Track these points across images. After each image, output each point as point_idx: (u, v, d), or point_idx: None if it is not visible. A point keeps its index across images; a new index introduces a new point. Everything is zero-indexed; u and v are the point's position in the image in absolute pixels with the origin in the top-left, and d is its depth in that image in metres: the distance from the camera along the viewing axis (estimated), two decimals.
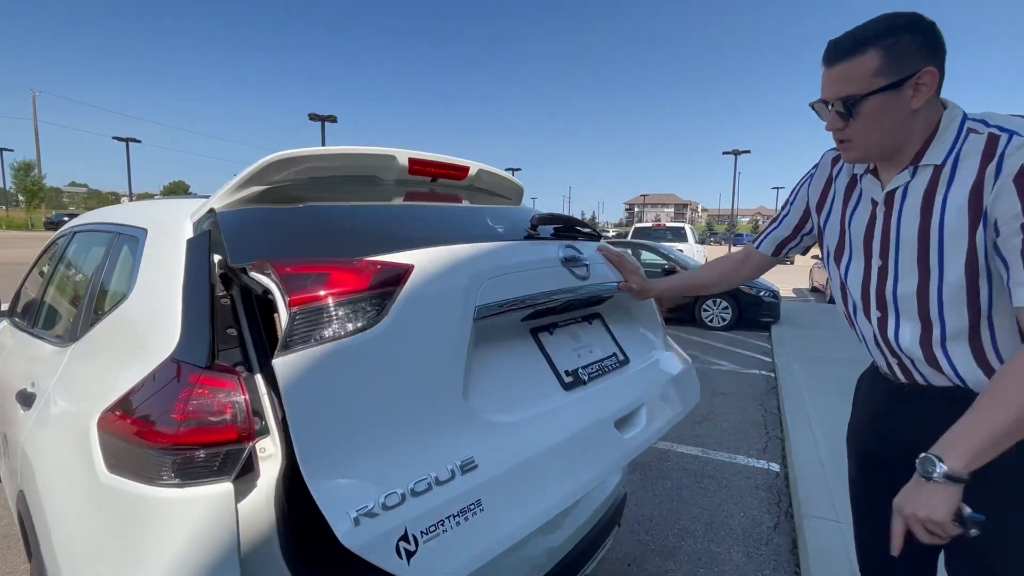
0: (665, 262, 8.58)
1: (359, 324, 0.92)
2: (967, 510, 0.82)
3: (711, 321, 8.03)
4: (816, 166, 1.21)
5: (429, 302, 1.03)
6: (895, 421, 1.11)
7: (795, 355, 5.85)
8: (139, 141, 38.47)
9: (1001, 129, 0.89)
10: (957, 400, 0.94)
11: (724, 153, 31.60)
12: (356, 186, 1.42)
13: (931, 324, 0.98)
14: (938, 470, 0.82)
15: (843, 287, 1.14)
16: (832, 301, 11.04)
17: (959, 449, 0.82)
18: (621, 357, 1.52)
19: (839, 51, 0.94)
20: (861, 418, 1.23)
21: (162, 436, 0.87)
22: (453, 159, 1.54)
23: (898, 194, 0.99)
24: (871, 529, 1.21)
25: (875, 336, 1.08)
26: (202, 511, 0.85)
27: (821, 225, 1.19)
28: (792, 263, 27.65)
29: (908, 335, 1.01)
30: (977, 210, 0.89)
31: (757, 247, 1.37)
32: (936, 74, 0.90)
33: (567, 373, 1.32)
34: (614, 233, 71.86)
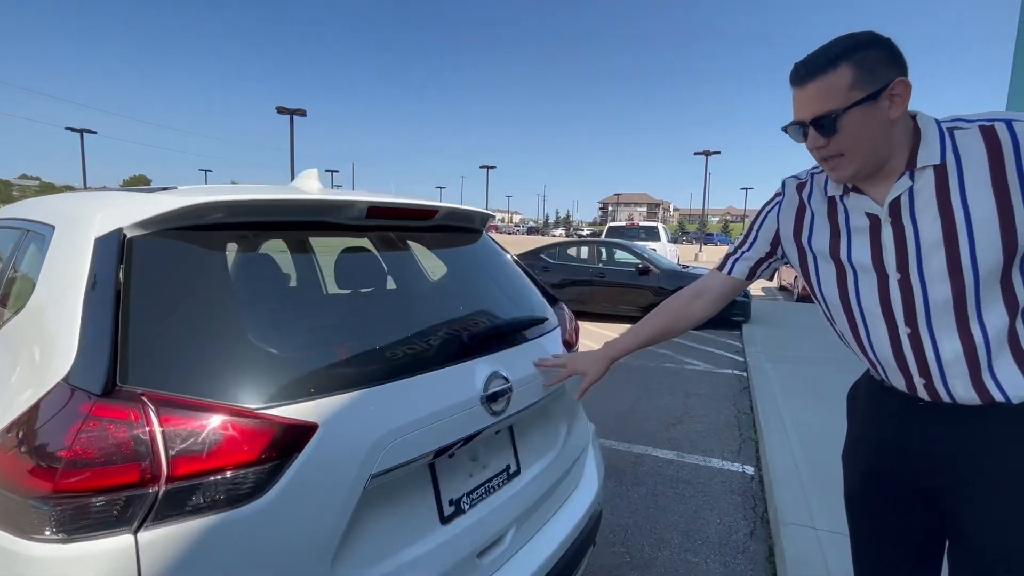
0: (639, 261, 8.58)
1: (242, 494, 0.81)
2: None
3: None
4: (781, 195, 1.16)
5: (321, 470, 0.91)
6: (916, 439, 1.04)
7: (766, 354, 5.90)
8: (94, 132, 36.66)
9: (989, 120, 0.89)
10: (987, 418, 0.95)
11: (696, 154, 32.16)
12: (308, 227, 1.25)
13: (970, 332, 0.93)
14: None
15: (847, 311, 1.06)
16: (801, 300, 11.27)
17: None
18: (514, 469, 1.36)
19: (811, 70, 0.92)
20: (867, 434, 1.15)
21: (43, 479, 0.72)
22: (417, 202, 1.38)
23: (904, 201, 0.95)
24: (876, 547, 1.15)
25: (903, 355, 1.00)
26: (93, 571, 0.70)
27: (805, 250, 1.12)
28: None
29: (950, 349, 0.95)
30: (1005, 197, 0.87)
31: (729, 272, 1.27)
32: (908, 84, 0.90)
33: (451, 503, 1.17)
34: (588, 232, 72.83)
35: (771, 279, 1.26)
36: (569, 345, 1.68)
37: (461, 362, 1.21)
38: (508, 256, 1.80)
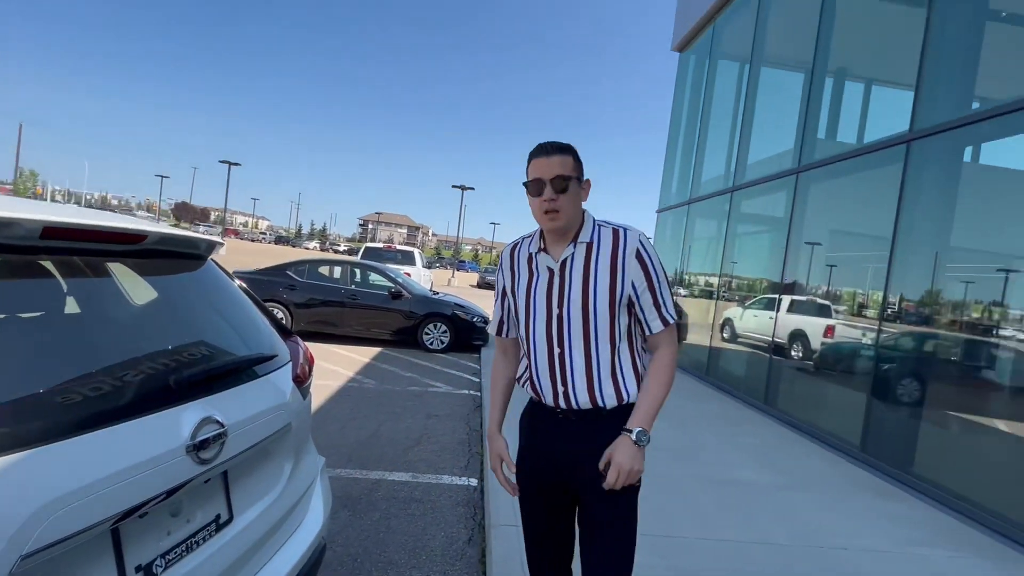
0: (392, 285, 8.75)
1: None
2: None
3: (431, 344, 8.53)
4: (500, 264, 1.60)
5: None
6: (562, 443, 1.45)
7: None
8: None
9: (617, 226, 1.44)
10: (600, 417, 1.41)
11: (453, 186, 34.57)
12: None
13: (592, 359, 1.40)
14: (646, 438, 1.33)
15: (528, 336, 1.47)
16: None
17: (645, 425, 1.34)
18: (225, 517, 1.29)
19: (556, 147, 1.38)
20: (530, 445, 1.52)
21: None
22: (115, 224, 1.20)
23: (568, 262, 1.42)
24: (538, 533, 1.56)
25: (554, 367, 1.42)
26: None
27: (515, 296, 1.53)
28: None
29: (579, 359, 1.40)
30: (613, 273, 1.39)
31: (497, 334, 1.65)
32: (590, 183, 1.44)
33: (138, 569, 1.04)
34: (345, 248, 69.91)
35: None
36: (300, 381, 1.66)
37: (163, 409, 1.10)
38: (235, 286, 1.69)
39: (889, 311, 4.75)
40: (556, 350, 1.41)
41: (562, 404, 1.43)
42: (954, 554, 3.02)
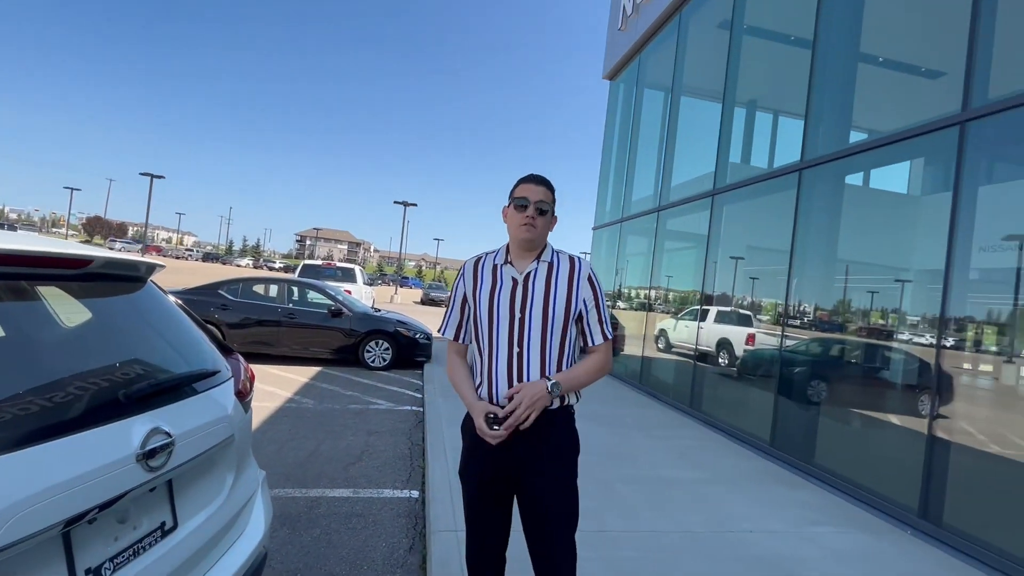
0: (332, 303, 8.64)
1: None
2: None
3: (373, 362, 8.47)
4: (462, 272, 1.77)
5: None
6: (509, 442, 1.58)
7: (440, 390, 6.79)
8: None
9: (572, 255, 1.75)
10: (545, 417, 1.59)
11: (395, 202, 34.27)
12: None
13: (546, 357, 1.62)
14: (557, 390, 1.57)
15: (491, 336, 1.65)
16: None
17: (562, 381, 1.59)
18: (170, 524, 1.35)
19: (542, 181, 1.69)
20: (478, 446, 1.64)
21: None
22: (60, 251, 1.27)
23: (531, 275, 1.67)
24: (481, 530, 1.71)
25: (512, 365, 1.61)
26: None
27: (477, 299, 1.70)
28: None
29: (535, 359, 1.61)
30: (570, 290, 1.66)
31: (455, 339, 1.78)
32: (557, 219, 1.75)
33: (88, 572, 1.11)
34: (281, 265, 67.01)
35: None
36: (242, 395, 1.76)
37: (113, 421, 1.19)
38: (175, 306, 1.76)
39: (791, 319, 5.32)
40: (516, 349, 1.61)
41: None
42: (841, 530, 3.46)
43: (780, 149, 6.32)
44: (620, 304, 10.17)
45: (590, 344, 1.70)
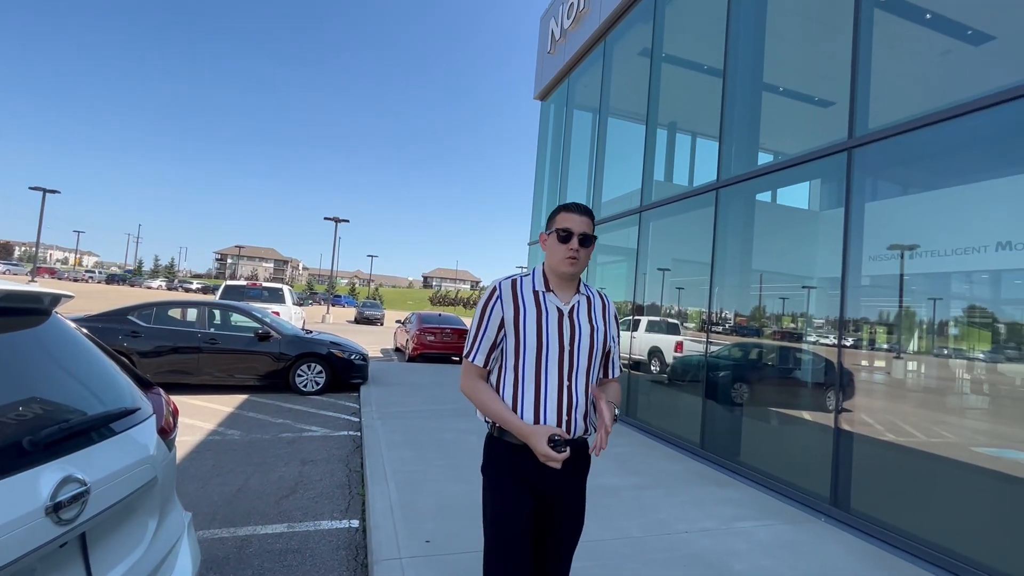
0: (259, 326, 8.18)
1: None
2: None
3: (305, 386, 8.08)
4: (499, 295, 1.66)
5: None
6: (548, 474, 1.55)
7: (379, 412, 6.59)
8: None
9: (599, 292, 1.79)
10: (579, 447, 1.64)
11: (326, 219, 33.12)
12: None
13: (588, 386, 1.65)
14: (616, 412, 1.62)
15: (539, 366, 1.61)
16: (411, 360, 13.01)
17: (617, 401, 1.70)
18: None
19: (584, 210, 1.67)
20: (522, 484, 1.58)
21: None
22: None
23: (576, 308, 1.68)
24: (516, 558, 1.56)
25: (562, 397, 1.61)
26: None
27: (521, 327, 1.62)
28: (382, 324, 31.05)
29: (582, 391, 1.63)
30: (605, 326, 1.73)
31: (484, 365, 1.66)
32: (593, 246, 1.72)
33: None
34: (198, 286, 62.33)
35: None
36: (165, 433, 1.64)
37: (16, 472, 1.08)
38: (85, 339, 1.62)
39: (714, 326, 5.69)
40: (566, 383, 1.61)
41: (563, 430, 1.59)
42: (766, 523, 3.71)
43: (699, 168, 6.80)
44: None
45: (610, 376, 1.78)
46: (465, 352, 1.69)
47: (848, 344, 4.13)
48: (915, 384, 3.93)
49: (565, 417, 1.60)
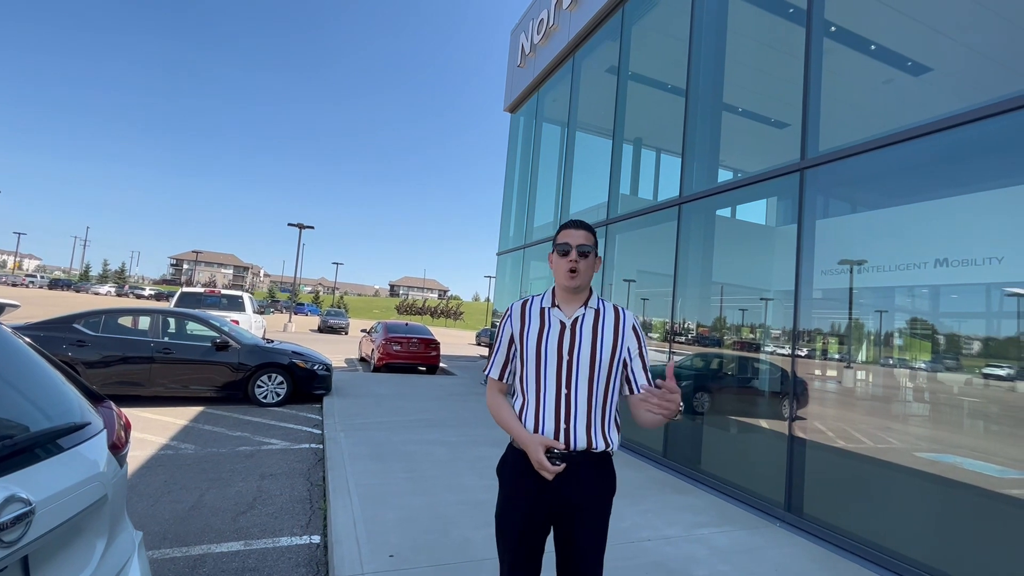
0: (216, 335, 7.89)
1: None
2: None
3: (265, 398, 7.83)
4: (510, 314, 1.81)
5: None
6: (552, 484, 1.62)
7: (342, 424, 6.45)
8: None
9: (616, 305, 1.80)
10: (586, 461, 1.64)
11: (289, 224, 32.32)
12: None
13: (592, 400, 1.67)
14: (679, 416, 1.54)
15: (538, 377, 1.69)
16: (377, 370, 12.80)
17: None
18: None
19: (581, 224, 1.74)
20: (522, 487, 1.67)
21: None
22: None
23: (579, 320, 1.73)
24: (521, 563, 1.68)
25: (559, 406, 1.65)
26: None
27: (524, 340, 1.74)
28: (347, 334, 30.40)
29: (583, 401, 1.66)
30: (616, 338, 1.72)
31: (499, 378, 1.82)
32: (601, 259, 1.79)
33: None
34: (151, 293, 59.51)
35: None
36: (116, 449, 1.57)
37: None
38: (30, 351, 1.54)
39: (677, 336, 5.84)
40: (564, 391, 1.66)
41: (562, 441, 1.64)
42: (724, 529, 3.82)
43: (663, 183, 7.01)
44: None
45: (635, 391, 1.73)
46: (485, 368, 1.89)
47: (802, 354, 4.32)
48: (863, 392, 4.14)
49: (563, 426, 1.65)
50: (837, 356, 4.25)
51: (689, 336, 5.84)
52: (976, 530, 3.18)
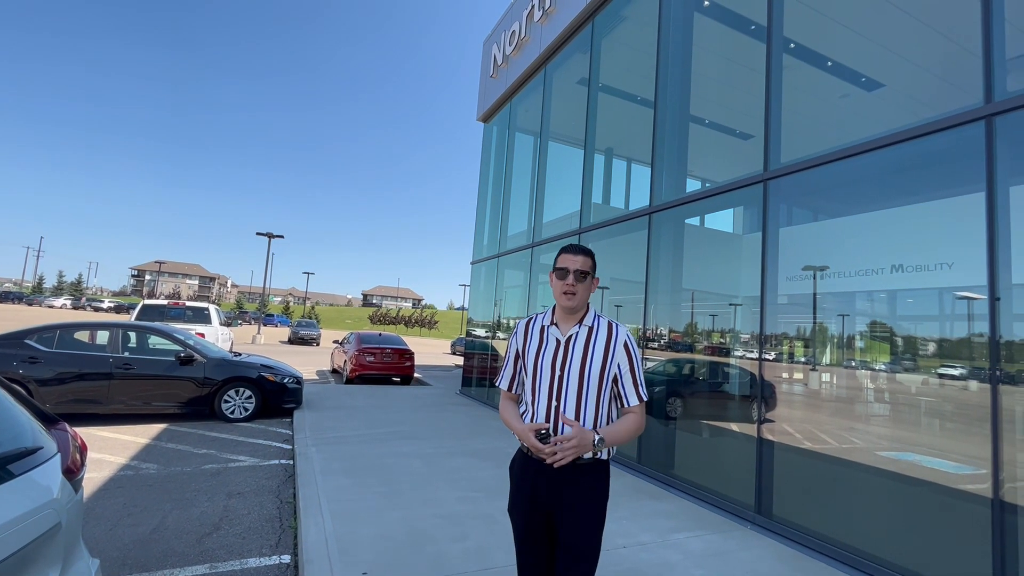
0: (180, 349, 7.62)
1: None
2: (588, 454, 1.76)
3: (233, 413, 7.59)
4: (516, 332, 2.01)
5: None
6: (544, 487, 1.78)
7: (313, 438, 6.29)
8: None
9: (611, 320, 1.90)
10: (577, 467, 1.76)
11: (258, 234, 31.56)
12: None
13: (581, 412, 1.79)
14: (601, 444, 1.71)
15: (534, 390, 1.85)
16: (350, 382, 12.56)
17: (606, 437, 1.73)
18: None
19: (580, 250, 1.87)
20: (520, 490, 1.85)
21: None
22: None
23: (572, 338, 1.86)
24: (531, 559, 1.84)
25: (549, 416, 1.78)
26: None
27: (525, 356, 1.93)
28: (318, 345, 29.76)
29: (571, 413, 1.78)
30: (606, 354, 1.82)
31: (509, 389, 1.99)
32: (597, 280, 1.92)
33: None
34: (110, 305, 57.03)
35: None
36: (71, 473, 1.49)
37: None
38: None
39: (650, 342, 5.93)
40: (554, 403, 1.80)
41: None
42: (698, 534, 3.87)
43: (635, 192, 7.14)
44: (500, 335, 10.44)
45: (625, 405, 1.84)
46: (497, 380, 2.06)
47: (769, 358, 4.44)
48: (828, 394, 4.27)
49: (552, 435, 1.80)
50: (803, 359, 4.38)
51: (661, 342, 5.93)
52: (935, 525, 3.31)
